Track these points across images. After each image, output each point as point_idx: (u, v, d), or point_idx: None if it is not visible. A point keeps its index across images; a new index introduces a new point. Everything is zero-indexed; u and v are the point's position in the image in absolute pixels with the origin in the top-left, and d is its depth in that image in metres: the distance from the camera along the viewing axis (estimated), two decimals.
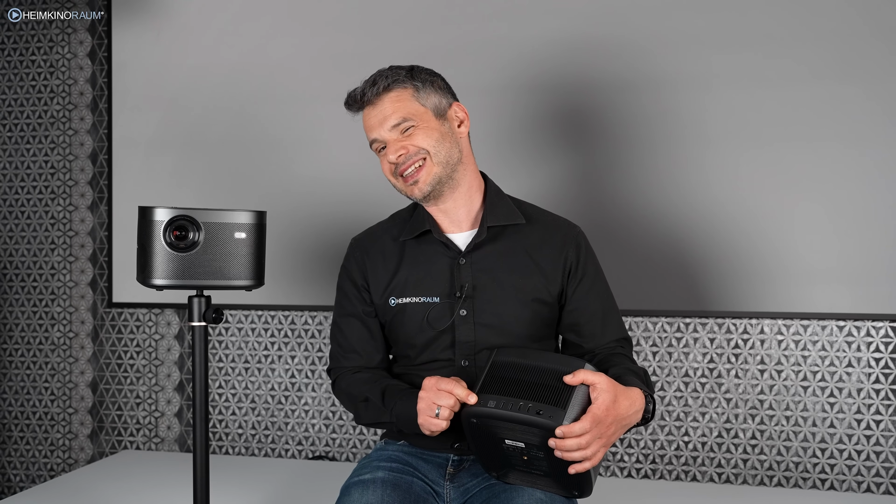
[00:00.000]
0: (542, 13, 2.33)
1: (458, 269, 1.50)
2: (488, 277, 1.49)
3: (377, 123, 1.48)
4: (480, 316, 1.48)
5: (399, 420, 1.43)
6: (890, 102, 2.14)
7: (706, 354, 2.31)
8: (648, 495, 2.00)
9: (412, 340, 1.51)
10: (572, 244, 1.54)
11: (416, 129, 1.47)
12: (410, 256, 1.54)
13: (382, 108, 1.47)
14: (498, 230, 1.52)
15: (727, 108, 2.23)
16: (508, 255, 1.51)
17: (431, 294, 1.50)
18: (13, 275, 2.79)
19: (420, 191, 1.48)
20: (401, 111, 1.46)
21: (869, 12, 2.15)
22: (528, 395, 1.27)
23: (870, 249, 2.16)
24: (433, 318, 1.48)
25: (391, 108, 1.46)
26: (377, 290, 1.55)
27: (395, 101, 1.47)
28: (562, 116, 2.34)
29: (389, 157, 1.48)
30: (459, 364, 1.48)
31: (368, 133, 1.51)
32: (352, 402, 1.55)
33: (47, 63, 2.75)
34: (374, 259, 1.57)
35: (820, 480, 2.25)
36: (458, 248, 1.52)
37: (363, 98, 1.49)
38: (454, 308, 1.48)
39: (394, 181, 1.52)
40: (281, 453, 2.60)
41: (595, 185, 2.32)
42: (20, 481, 2.81)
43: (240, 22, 2.55)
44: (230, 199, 2.54)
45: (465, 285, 1.48)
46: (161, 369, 2.70)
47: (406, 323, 1.51)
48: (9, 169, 2.77)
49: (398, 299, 1.52)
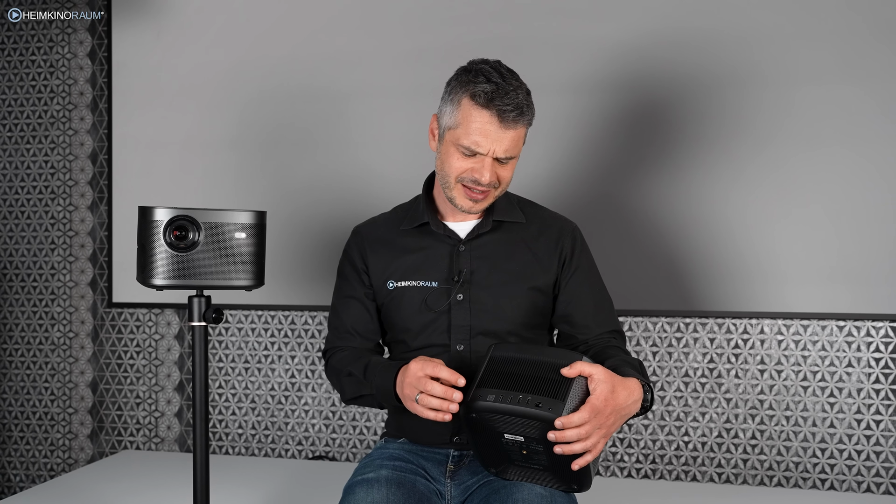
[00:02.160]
0: (543, 13, 2.33)
1: (458, 255, 1.53)
2: (486, 264, 1.53)
3: (496, 141, 1.41)
4: (477, 301, 1.51)
5: (378, 393, 1.44)
6: (890, 102, 2.14)
7: (706, 354, 2.31)
8: (648, 495, 2.00)
9: (408, 324, 1.53)
10: (568, 236, 1.58)
11: (512, 162, 1.47)
12: (411, 243, 1.57)
13: (509, 137, 1.42)
14: (497, 223, 1.56)
15: (728, 107, 2.23)
16: (506, 245, 1.55)
17: (430, 279, 1.53)
18: (13, 275, 2.79)
19: (476, 209, 1.49)
20: (517, 147, 1.45)
21: (869, 12, 2.15)
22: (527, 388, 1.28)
23: (870, 249, 2.16)
24: (431, 302, 1.51)
25: (515, 144, 1.44)
26: (376, 274, 1.58)
27: (519, 138, 1.45)
28: (563, 116, 2.34)
29: (485, 177, 1.42)
30: (455, 348, 1.50)
31: (475, 139, 1.41)
32: (337, 377, 1.56)
33: (47, 63, 2.75)
34: (374, 245, 1.60)
35: (820, 480, 2.25)
36: (458, 237, 1.55)
37: (503, 114, 1.39)
38: (451, 292, 1.51)
39: (452, 181, 1.46)
40: (281, 453, 2.60)
41: (596, 185, 2.32)
42: (20, 481, 2.81)
43: (240, 22, 2.55)
44: (230, 199, 2.54)
45: (463, 270, 1.51)
46: (161, 369, 2.70)
47: (403, 306, 1.54)
48: (9, 169, 2.77)
49: (396, 283, 1.55)
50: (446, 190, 1.49)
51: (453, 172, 1.45)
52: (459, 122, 1.42)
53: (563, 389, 1.26)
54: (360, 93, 2.45)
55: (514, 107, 1.40)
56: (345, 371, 1.53)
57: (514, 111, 1.40)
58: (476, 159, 1.43)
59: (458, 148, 1.43)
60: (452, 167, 1.45)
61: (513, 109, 1.40)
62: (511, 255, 1.54)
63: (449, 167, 1.46)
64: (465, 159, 1.44)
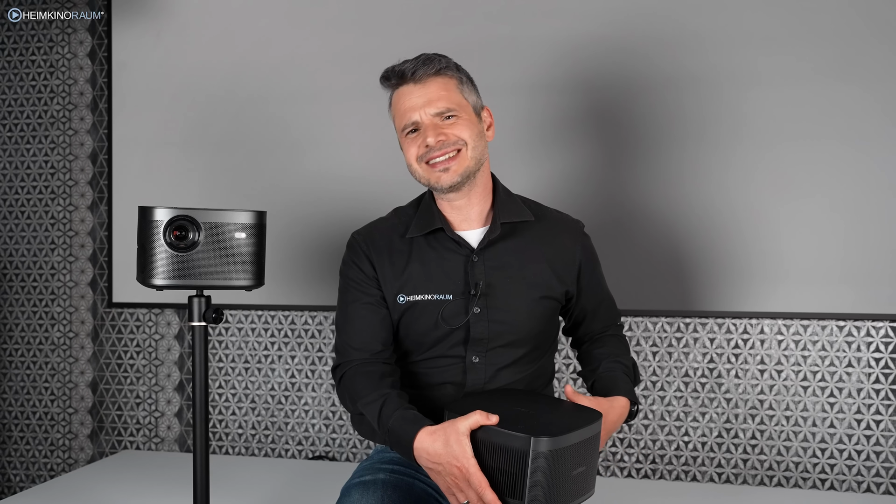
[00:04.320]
0: (544, 14, 2.33)
1: (472, 267, 1.48)
2: (501, 275, 1.49)
3: (421, 104, 1.42)
4: (494, 313, 1.47)
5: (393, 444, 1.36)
6: (890, 102, 2.14)
7: (706, 354, 2.31)
8: (648, 495, 2.00)
9: (423, 338, 1.49)
10: (579, 245, 1.58)
11: (458, 120, 1.44)
12: (419, 253, 1.50)
13: (429, 91, 1.42)
14: (508, 228, 1.52)
15: (729, 107, 2.23)
16: (519, 253, 1.52)
17: (444, 291, 1.47)
18: (13, 275, 2.79)
19: (449, 179, 1.44)
20: (448, 99, 1.43)
21: (869, 12, 2.15)
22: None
23: (870, 249, 2.16)
24: (448, 316, 1.46)
25: (438, 94, 1.42)
26: (385, 283, 1.51)
27: (442, 88, 1.43)
28: (564, 116, 2.34)
29: (428, 139, 1.42)
30: (471, 360, 1.47)
31: (405, 113, 1.44)
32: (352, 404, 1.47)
33: (47, 63, 2.75)
34: (380, 254, 1.52)
35: (820, 480, 2.25)
36: (470, 246, 1.50)
37: (412, 75, 1.42)
38: (468, 305, 1.46)
39: (417, 167, 1.46)
40: (281, 453, 2.60)
41: (597, 185, 2.32)
42: (20, 481, 2.81)
43: (240, 22, 2.55)
44: (230, 199, 2.53)
45: (480, 283, 1.46)
46: (161, 369, 2.70)
47: (417, 320, 1.48)
48: (9, 169, 2.77)
49: (408, 297, 1.48)
50: (421, 180, 1.49)
51: (412, 158, 1.47)
52: (394, 115, 1.48)
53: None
54: (359, 93, 2.44)
55: (413, 63, 1.43)
56: (356, 410, 1.45)
57: (414, 66, 1.43)
58: (417, 133, 1.45)
59: (403, 134, 1.47)
60: (408, 154, 1.47)
61: (413, 66, 1.43)
62: (525, 262, 1.51)
63: (407, 157, 1.48)
64: (413, 140, 1.46)
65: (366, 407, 1.40)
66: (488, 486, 1.21)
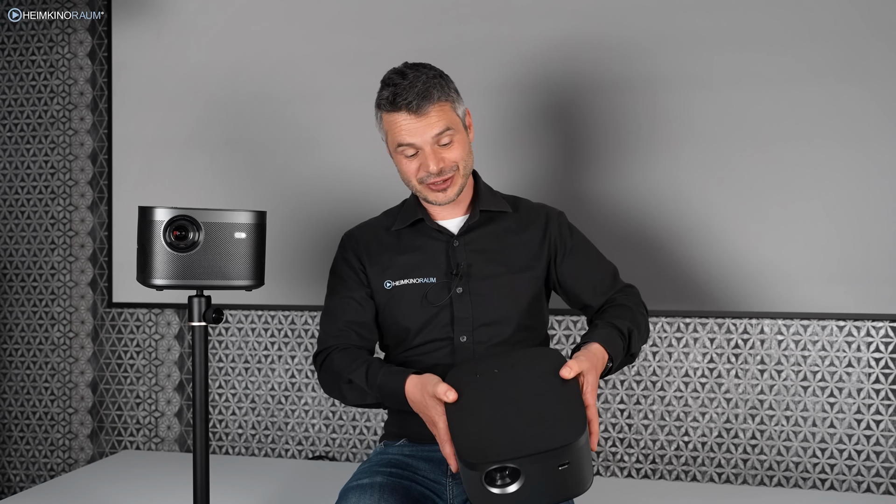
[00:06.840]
0: (541, 14, 2.33)
1: (453, 251, 1.56)
2: (481, 256, 1.56)
3: (420, 131, 1.47)
4: (477, 292, 1.54)
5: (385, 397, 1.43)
6: (890, 102, 2.14)
7: (706, 354, 2.31)
8: (648, 495, 2.00)
9: (409, 321, 1.55)
10: (554, 222, 1.63)
11: (453, 142, 1.50)
12: (405, 243, 1.60)
13: (429, 120, 1.46)
14: (487, 216, 1.60)
15: (727, 107, 2.23)
16: (498, 236, 1.59)
17: (427, 275, 1.55)
18: (13, 275, 2.79)
19: (445, 198, 1.52)
20: (444, 123, 1.47)
21: (869, 12, 2.15)
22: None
23: (870, 249, 2.16)
24: (431, 296, 1.54)
25: (437, 121, 1.47)
26: (374, 276, 1.59)
27: (439, 115, 1.47)
28: (561, 116, 2.34)
29: (430, 167, 1.47)
30: (458, 340, 1.52)
31: (401, 136, 1.48)
32: (335, 383, 1.52)
33: (47, 63, 2.75)
34: (369, 247, 1.62)
35: (820, 480, 2.25)
36: (451, 232, 1.58)
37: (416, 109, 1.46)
38: (451, 286, 1.53)
39: (415, 184, 1.52)
40: (281, 453, 2.60)
41: (594, 186, 2.32)
42: (20, 481, 2.81)
43: (240, 22, 2.55)
44: (230, 199, 2.54)
45: (461, 263, 1.54)
46: (161, 369, 2.70)
47: (403, 304, 1.55)
48: (9, 169, 2.77)
49: (394, 282, 1.56)
50: (416, 193, 1.56)
51: (411, 176, 1.52)
52: (387, 131, 1.51)
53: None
54: (359, 93, 2.44)
55: (414, 95, 1.45)
56: (344, 378, 1.50)
57: (416, 99, 1.45)
58: (419, 156, 1.49)
59: (399, 151, 1.51)
60: (407, 172, 1.52)
61: (414, 98, 1.45)
62: (503, 246, 1.58)
63: (404, 173, 1.53)
64: (411, 160, 1.51)
65: (353, 374, 1.48)
66: (449, 440, 1.26)
